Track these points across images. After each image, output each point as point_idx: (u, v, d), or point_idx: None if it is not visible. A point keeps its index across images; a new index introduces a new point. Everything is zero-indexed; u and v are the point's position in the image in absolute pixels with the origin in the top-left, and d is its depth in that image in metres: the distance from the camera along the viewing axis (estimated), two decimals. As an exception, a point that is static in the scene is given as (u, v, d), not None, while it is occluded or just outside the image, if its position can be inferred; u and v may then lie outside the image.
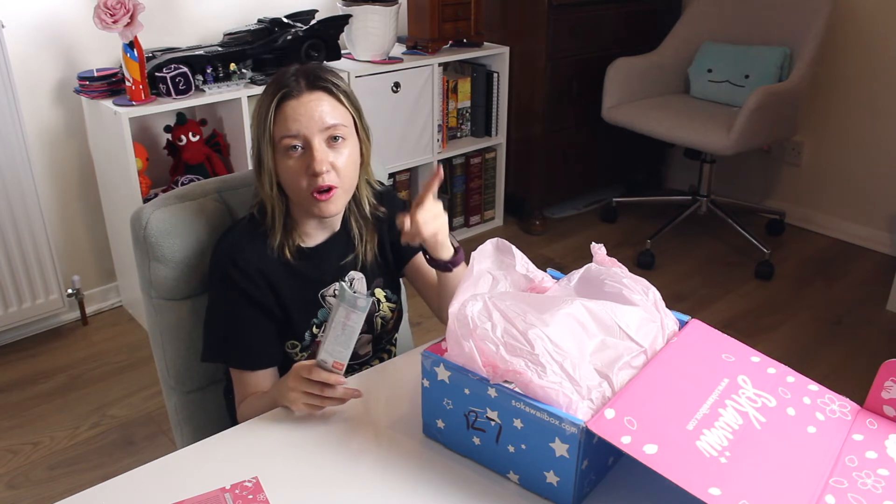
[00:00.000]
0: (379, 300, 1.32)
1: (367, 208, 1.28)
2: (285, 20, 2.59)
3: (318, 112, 1.14)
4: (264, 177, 1.18)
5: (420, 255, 1.33)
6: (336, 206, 1.18)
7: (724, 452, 0.85)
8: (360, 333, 1.29)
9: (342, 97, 1.18)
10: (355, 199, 1.27)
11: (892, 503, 0.83)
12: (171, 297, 1.27)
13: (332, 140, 1.15)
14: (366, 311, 1.00)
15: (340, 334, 1.01)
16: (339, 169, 1.16)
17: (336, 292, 1.26)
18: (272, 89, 1.16)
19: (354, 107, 1.20)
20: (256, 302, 1.18)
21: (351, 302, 1.00)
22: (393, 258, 1.34)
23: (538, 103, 3.11)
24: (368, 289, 1.30)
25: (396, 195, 1.38)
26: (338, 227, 1.27)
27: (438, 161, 3.05)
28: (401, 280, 1.40)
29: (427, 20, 2.86)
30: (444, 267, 1.21)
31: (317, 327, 1.25)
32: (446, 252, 1.20)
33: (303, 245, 1.24)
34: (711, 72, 3.13)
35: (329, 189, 1.15)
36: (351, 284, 1.28)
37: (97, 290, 2.69)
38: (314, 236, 1.25)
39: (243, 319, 1.19)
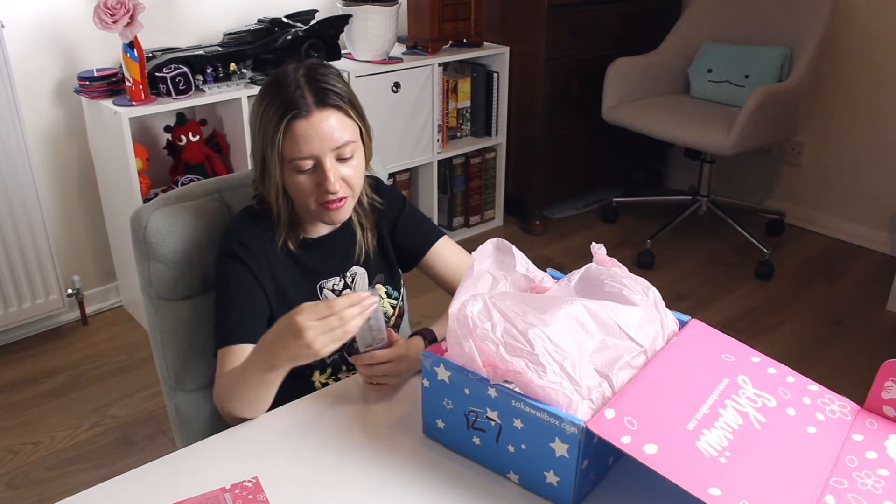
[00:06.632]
0: (380, 296, 1.32)
1: (366, 199, 1.30)
2: (285, 20, 2.59)
3: (328, 132, 1.13)
4: (270, 186, 1.18)
5: (433, 248, 1.34)
6: (346, 213, 1.21)
7: (724, 452, 0.85)
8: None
9: (349, 110, 1.16)
10: None
11: (892, 503, 0.83)
12: (171, 297, 1.27)
13: (342, 157, 1.16)
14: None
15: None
16: (349, 181, 1.17)
17: (335, 287, 1.27)
18: (280, 108, 1.11)
19: (359, 114, 1.19)
20: (259, 281, 1.19)
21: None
22: (397, 257, 1.35)
23: (538, 103, 3.11)
24: (370, 284, 1.31)
25: (389, 186, 1.39)
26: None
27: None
28: (401, 279, 1.40)
29: (427, 20, 2.86)
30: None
31: None
32: (418, 347, 1.20)
33: (307, 236, 1.26)
34: (711, 72, 3.13)
35: (341, 199, 1.17)
36: (353, 280, 1.29)
37: (97, 290, 2.69)
38: (319, 228, 1.27)
39: (248, 295, 1.18)
